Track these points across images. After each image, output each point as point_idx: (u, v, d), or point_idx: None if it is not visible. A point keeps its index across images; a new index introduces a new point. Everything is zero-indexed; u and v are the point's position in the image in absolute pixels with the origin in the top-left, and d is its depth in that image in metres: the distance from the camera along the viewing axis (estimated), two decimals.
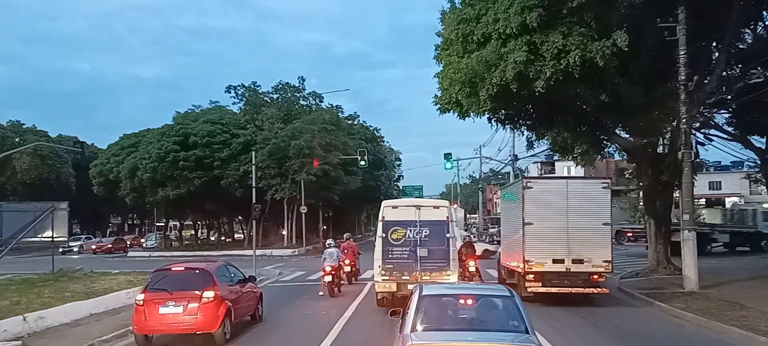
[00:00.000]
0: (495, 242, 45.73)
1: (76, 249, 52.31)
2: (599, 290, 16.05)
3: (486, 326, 7.00)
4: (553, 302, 15.99)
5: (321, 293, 18.96)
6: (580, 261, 15.80)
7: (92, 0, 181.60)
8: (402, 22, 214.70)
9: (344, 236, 24.53)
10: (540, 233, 15.98)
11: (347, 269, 21.35)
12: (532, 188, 16.56)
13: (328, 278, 18.68)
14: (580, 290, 15.97)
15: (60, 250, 44.33)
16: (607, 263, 15.84)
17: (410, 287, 12.20)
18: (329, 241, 21.18)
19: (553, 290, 15.95)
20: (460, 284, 13.02)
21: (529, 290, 15.90)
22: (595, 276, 15.85)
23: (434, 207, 16.08)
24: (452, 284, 13.53)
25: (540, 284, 15.99)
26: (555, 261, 15.89)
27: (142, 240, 62.91)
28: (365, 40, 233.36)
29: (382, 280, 15.23)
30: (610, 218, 16.24)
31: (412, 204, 16.26)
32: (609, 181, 17.12)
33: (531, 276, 16.06)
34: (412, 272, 15.04)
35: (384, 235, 15.34)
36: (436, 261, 15.07)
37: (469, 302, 7.46)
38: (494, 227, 53.30)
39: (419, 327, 6.86)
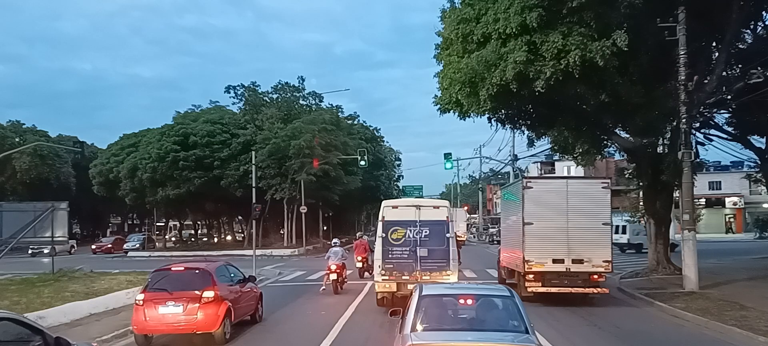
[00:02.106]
0: (495, 243, 45.79)
1: (46, 252, 40.00)
2: (599, 290, 16.06)
3: (486, 326, 6.99)
4: (553, 302, 15.99)
5: (322, 289, 19.43)
6: (580, 261, 15.79)
7: (93, 0, 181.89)
8: (403, 22, 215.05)
9: (357, 234, 25.63)
10: (540, 233, 15.95)
11: (359, 264, 22.55)
12: (532, 188, 16.54)
13: (334, 276, 19.16)
14: (580, 290, 15.98)
15: (29, 252, 40.64)
16: (607, 263, 15.84)
17: (410, 286, 12.36)
18: (334, 240, 21.40)
19: (553, 290, 15.95)
20: (460, 284, 13.04)
21: (529, 289, 15.91)
22: (595, 276, 15.85)
23: (434, 207, 16.13)
24: (452, 283, 13.54)
25: (540, 284, 15.98)
26: (555, 261, 15.87)
27: (124, 243, 54.65)
28: (366, 39, 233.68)
29: (382, 280, 15.26)
30: (610, 218, 16.27)
31: (412, 204, 16.31)
32: (609, 181, 17.09)
33: (531, 276, 16.04)
34: (412, 271, 15.07)
35: (384, 235, 15.36)
36: (436, 261, 15.08)
37: (469, 302, 7.46)
38: (494, 227, 53.19)
39: (419, 327, 6.86)
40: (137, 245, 52.90)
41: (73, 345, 6.56)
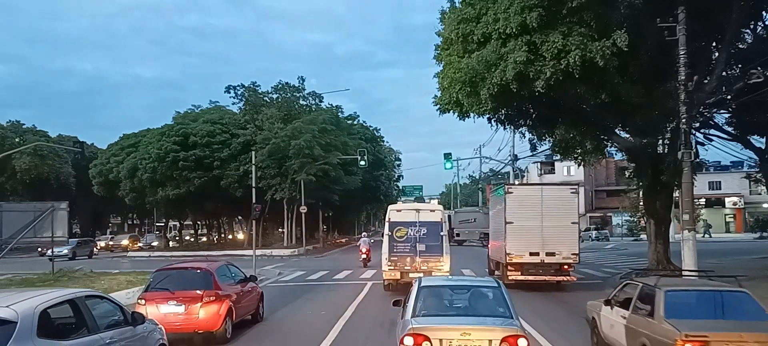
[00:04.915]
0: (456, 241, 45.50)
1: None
2: (568, 278, 18.97)
3: (477, 312, 8.00)
4: (551, 300, 16.58)
5: (361, 260, 29.27)
6: (553, 254, 18.56)
7: (94, 0, 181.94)
8: (404, 22, 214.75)
9: (363, 233, 32.08)
10: (519, 230, 18.70)
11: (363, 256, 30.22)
12: (512, 193, 19.51)
13: (364, 256, 29.21)
14: (553, 278, 18.80)
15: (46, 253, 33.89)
16: (575, 256, 18.71)
17: (412, 275, 16.48)
18: (364, 233, 32.81)
19: (530, 278, 18.63)
20: (454, 277, 14.37)
21: (510, 278, 18.35)
22: (566, 266, 18.75)
23: (431, 211, 19.25)
24: (448, 276, 15.64)
25: (519, 273, 18.64)
26: (532, 254, 18.59)
27: (48, 251, 34.16)
28: (367, 40, 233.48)
29: (389, 269, 18.29)
30: (578, 218, 19.30)
31: (412, 208, 19.46)
32: (576, 187, 20.20)
33: (511, 266, 18.71)
34: (413, 262, 18.07)
35: (390, 233, 18.44)
36: (432, 254, 18.06)
37: (462, 292, 8.61)
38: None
39: (419, 313, 7.86)
40: (65, 251, 39.22)
41: (146, 319, 8.11)
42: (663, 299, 8.16)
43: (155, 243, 54.08)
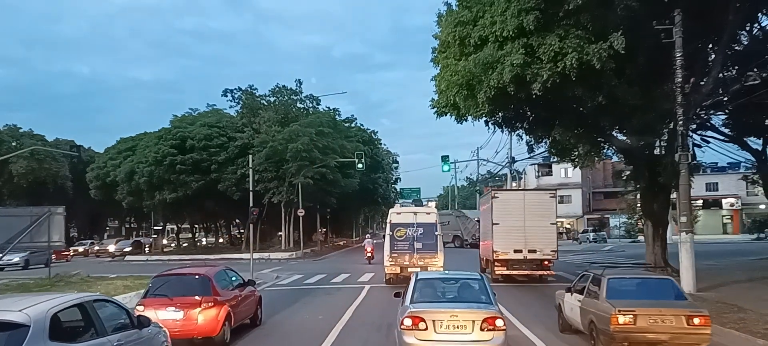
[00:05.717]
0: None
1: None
2: (548, 272, 21.40)
3: (463, 299, 9.66)
4: (532, 292, 18.17)
5: (366, 258, 33.66)
6: (534, 251, 20.88)
7: (93, 2, 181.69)
8: (403, 24, 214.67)
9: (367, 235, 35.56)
10: (504, 230, 21.02)
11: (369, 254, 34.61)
12: (498, 197, 21.88)
13: (369, 254, 33.78)
14: (535, 272, 21.34)
15: None
16: (553, 252, 21.11)
17: (410, 270, 18.62)
18: (368, 234, 39.86)
19: (514, 272, 21.24)
20: (446, 271, 15.96)
21: (496, 273, 21.18)
22: (546, 262, 21.10)
23: (427, 213, 21.82)
24: (440, 271, 17.87)
25: (505, 268, 21.20)
26: (516, 251, 20.91)
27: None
28: (365, 41, 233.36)
29: (390, 265, 20.83)
30: (556, 219, 21.58)
31: (410, 210, 22.07)
32: (555, 192, 22.76)
33: (498, 263, 21.17)
34: (411, 258, 20.48)
35: (391, 233, 20.95)
36: (428, 251, 20.42)
37: (452, 283, 10.30)
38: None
39: (416, 301, 9.40)
40: (15, 259, 34.32)
41: (152, 322, 8.40)
42: (606, 284, 10.45)
43: (128, 249, 51.17)
